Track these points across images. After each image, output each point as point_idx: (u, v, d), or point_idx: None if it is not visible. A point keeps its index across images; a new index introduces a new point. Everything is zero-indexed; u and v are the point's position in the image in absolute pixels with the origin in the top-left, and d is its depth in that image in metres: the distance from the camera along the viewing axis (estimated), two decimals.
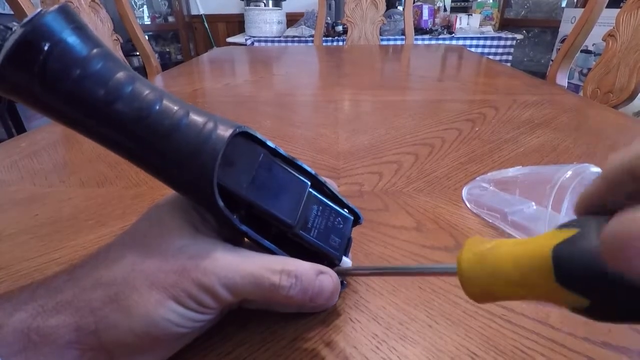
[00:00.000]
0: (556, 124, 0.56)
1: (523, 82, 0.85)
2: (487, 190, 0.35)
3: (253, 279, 0.18)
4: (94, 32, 0.17)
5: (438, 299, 0.24)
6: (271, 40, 2.44)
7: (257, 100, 0.75)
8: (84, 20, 0.16)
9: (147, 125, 0.17)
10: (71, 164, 0.46)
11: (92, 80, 0.16)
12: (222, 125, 0.18)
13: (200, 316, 0.18)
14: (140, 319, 0.16)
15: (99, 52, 0.16)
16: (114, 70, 0.17)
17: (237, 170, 0.19)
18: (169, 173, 0.18)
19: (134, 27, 1.18)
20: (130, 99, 0.17)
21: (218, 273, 0.17)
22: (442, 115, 0.62)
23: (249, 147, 0.20)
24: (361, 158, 0.46)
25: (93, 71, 0.16)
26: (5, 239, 0.32)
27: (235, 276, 0.18)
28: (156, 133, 0.17)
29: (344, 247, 0.23)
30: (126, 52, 1.16)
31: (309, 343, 0.21)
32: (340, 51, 1.42)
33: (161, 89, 0.18)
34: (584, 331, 0.22)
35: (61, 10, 0.15)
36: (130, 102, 0.16)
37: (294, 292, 0.19)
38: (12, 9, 0.77)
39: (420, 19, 2.47)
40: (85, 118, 0.16)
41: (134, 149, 0.17)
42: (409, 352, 0.21)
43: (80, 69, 0.15)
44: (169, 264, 0.17)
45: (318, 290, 0.19)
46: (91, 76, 0.16)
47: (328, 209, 0.22)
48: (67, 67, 0.15)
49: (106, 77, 0.16)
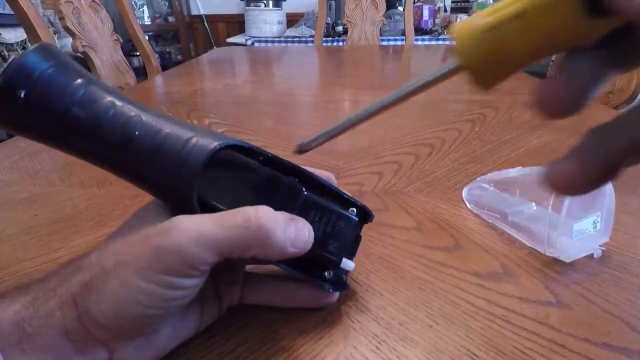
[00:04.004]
0: (556, 124, 0.56)
1: (523, 82, 0.85)
2: (487, 190, 0.35)
3: (220, 227, 0.16)
4: (74, 64, 0.18)
5: (438, 300, 0.24)
6: (271, 40, 2.44)
7: (257, 100, 0.75)
8: (61, 53, 0.17)
9: (131, 151, 0.18)
10: (71, 164, 0.45)
11: (78, 107, 0.17)
12: (204, 139, 0.18)
13: (169, 293, 0.16)
14: (108, 300, 0.16)
15: (81, 82, 0.17)
16: (97, 96, 0.17)
17: (220, 184, 0.19)
18: (153, 189, 0.19)
19: (134, 27, 1.18)
20: (113, 126, 0.18)
21: (185, 231, 0.16)
22: (442, 115, 0.62)
23: (233, 159, 0.19)
24: (361, 158, 0.46)
25: (76, 99, 0.17)
26: (5, 239, 0.31)
27: (205, 228, 0.16)
28: (139, 157, 0.18)
29: (347, 249, 0.22)
30: (126, 52, 1.16)
31: (309, 343, 0.21)
32: (341, 51, 1.42)
33: (139, 105, 0.18)
34: (584, 332, 0.22)
35: (39, 49, 0.17)
36: (113, 129, 0.17)
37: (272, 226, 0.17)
38: (12, 8, 0.77)
39: (420, 20, 2.47)
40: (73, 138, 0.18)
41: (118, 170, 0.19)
42: (409, 352, 0.21)
43: (65, 98, 0.17)
44: (135, 238, 0.17)
45: (293, 232, 0.18)
46: (76, 104, 0.17)
47: (328, 213, 0.21)
48: (50, 99, 0.16)
49: (90, 103, 0.17)
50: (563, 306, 0.24)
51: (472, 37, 0.12)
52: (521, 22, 0.11)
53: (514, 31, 0.11)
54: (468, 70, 0.12)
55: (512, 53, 0.11)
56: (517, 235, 0.30)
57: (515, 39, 0.11)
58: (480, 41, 0.11)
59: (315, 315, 0.23)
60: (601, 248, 0.28)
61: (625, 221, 0.32)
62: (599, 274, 0.26)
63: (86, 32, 0.97)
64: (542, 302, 0.24)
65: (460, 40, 0.12)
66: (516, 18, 0.11)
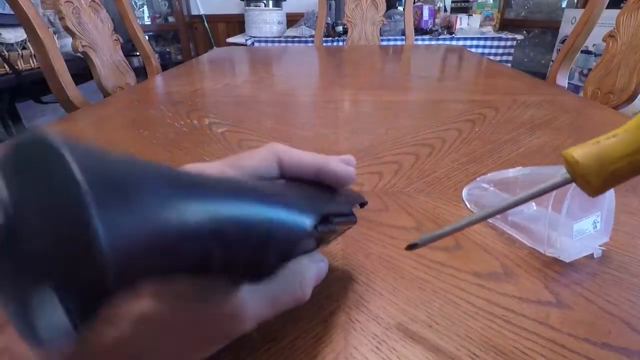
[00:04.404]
0: (556, 124, 0.56)
1: (523, 82, 0.85)
2: (487, 190, 0.35)
3: (273, 308, 0.17)
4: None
5: (438, 300, 0.24)
6: (271, 40, 2.44)
7: (257, 100, 0.75)
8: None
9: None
10: None
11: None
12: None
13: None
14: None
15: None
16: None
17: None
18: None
19: (134, 27, 1.18)
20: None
21: (247, 319, 0.16)
22: (442, 115, 0.62)
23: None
24: (361, 158, 0.46)
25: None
26: None
27: (260, 314, 0.17)
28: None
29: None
30: (126, 52, 1.16)
31: (309, 343, 0.21)
32: (341, 51, 1.42)
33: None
34: (584, 332, 0.22)
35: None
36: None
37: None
38: (12, 8, 0.77)
39: (420, 20, 2.47)
40: None
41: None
42: (409, 353, 0.21)
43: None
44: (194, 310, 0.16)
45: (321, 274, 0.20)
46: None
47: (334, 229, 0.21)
48: None
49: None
50: (563, 306, 0.24)
51: (600, 171, 0.15)
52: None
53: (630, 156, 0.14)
54: (582, 184, 0.15)
55: (630, 176, 0.15)
56: (517, 235, 0.30)
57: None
58: (606, 171, 0.15)
59: (315, 315, 0.23)
60: (601, 248, 0.28)
61: (625, 221, 0.32)
62: (599, 274, 0.26)
63: (86, 32, 0.97)
64: (542, 302, 0.24)
65: (584, 166, 0.15)
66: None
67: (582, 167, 0.15)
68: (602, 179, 0.15)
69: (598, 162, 0.15)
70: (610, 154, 0.14)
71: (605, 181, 0.15)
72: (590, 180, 0.15)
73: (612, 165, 0.14)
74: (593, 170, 0.15)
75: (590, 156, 0.15)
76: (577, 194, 0.25)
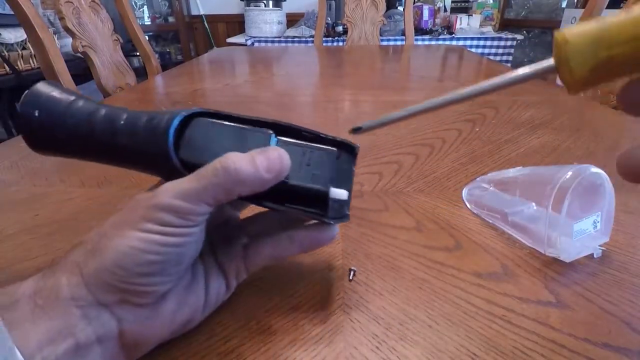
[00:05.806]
0: (556, 124, 0.56)
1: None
2: (488, 190, 0.35)
3: (195, 181, 0.18)
4: (67, 89, 0.23)
5: (438, 300, 0.24)
6: (271, 40, 2.44)
7: (257, 100, 0.75)
8: (58, 85, 0.23)
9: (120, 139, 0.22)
10: (71, 164, 0.45)
11: (75, 118, 0.22)
12: (171, 114, 0.22)
13: (164, 238, 0.18)
14: (110, 255, 0.17)
15: (76, 98, 0.22)
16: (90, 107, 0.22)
17: (200, 149, 0.21)
18: (139, 163, 0.22)
19: (134, 28, 1.18)
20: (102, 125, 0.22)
21: (167, 190, 0.18)
22: (442, 115, 0.62)
23: (203, 123, 0.22)
24: (361, 158, 0.46)
25: (74, 110, 0.22)
26: (5, 239, 0.32)
27: (183, 184, 0.19)
28: (126, 141, 0.22)
29: (334, 179, 0.22)
30: (126, 53, 1.16)
31: (309, 343, 0.21)
32: (341, 51, 1.42)
33: (117, 109, 0.23)
34: (584, 332, 0.22)
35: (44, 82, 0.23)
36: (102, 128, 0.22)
37: (239, 165, 0.19)
38: (12, 8, 0.77)
39: (420, 20, 2.47)
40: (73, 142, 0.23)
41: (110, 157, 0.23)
42: (409, 353, 0.21)
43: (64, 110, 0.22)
44: (128, 207, 0.19)
45: (264, 160, 0.19)
46: (73, 115, 0.22)
47: (304, 149, 0.22)
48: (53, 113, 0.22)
49: (86, 113, 0.22)
50: (563, 306, 0.24)
51: (588, 50, 0.12)
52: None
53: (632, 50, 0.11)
54: (564, 73, 0.13)
55: (619, 71, 0.12)
56: (517, 235, 0.30)
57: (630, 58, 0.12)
58: (597, 57, 0.12)
59: (315, 315, 0.23)
60: (601, 248, 0.28)
61: (625, 221, 0.32)
62: (599, 274, 0.26)
63: (86, 32, 0.97)
64: (542, 302, 0.24)
65: (574, 47, 0.12)
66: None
67: (571, 49, 0.12)
68: (589, 67, 0.12)
69: (593, 44, 0.12)
70: (613, 35, 0.12)
71: (593, 71, 0.12)
72: (573, 68, 0.12)
73: (610, 50, 0.12)
74: (582, 53, 0.12)
75: (586, 35, 0.12)
76: (578, 194, 0.25)
